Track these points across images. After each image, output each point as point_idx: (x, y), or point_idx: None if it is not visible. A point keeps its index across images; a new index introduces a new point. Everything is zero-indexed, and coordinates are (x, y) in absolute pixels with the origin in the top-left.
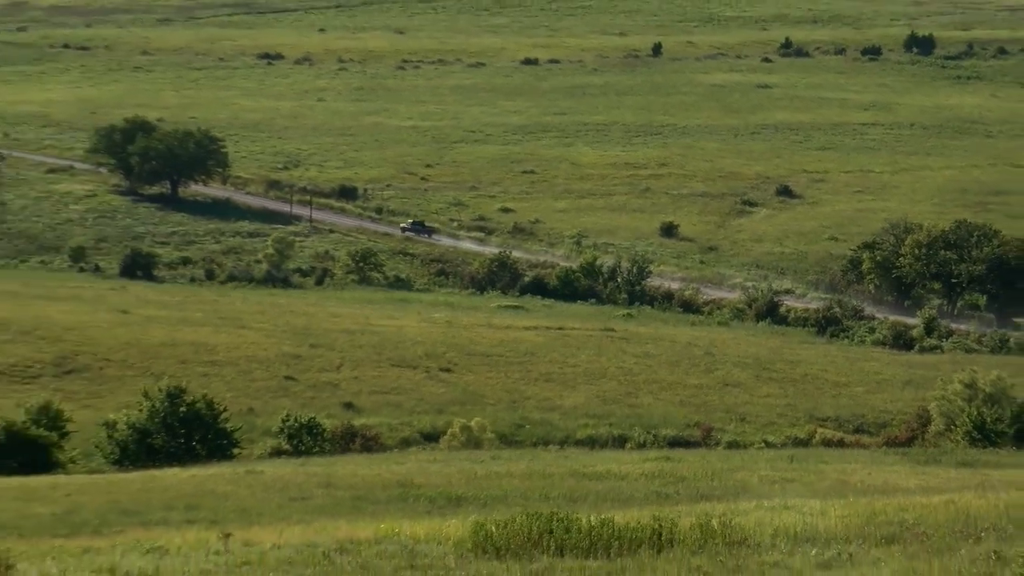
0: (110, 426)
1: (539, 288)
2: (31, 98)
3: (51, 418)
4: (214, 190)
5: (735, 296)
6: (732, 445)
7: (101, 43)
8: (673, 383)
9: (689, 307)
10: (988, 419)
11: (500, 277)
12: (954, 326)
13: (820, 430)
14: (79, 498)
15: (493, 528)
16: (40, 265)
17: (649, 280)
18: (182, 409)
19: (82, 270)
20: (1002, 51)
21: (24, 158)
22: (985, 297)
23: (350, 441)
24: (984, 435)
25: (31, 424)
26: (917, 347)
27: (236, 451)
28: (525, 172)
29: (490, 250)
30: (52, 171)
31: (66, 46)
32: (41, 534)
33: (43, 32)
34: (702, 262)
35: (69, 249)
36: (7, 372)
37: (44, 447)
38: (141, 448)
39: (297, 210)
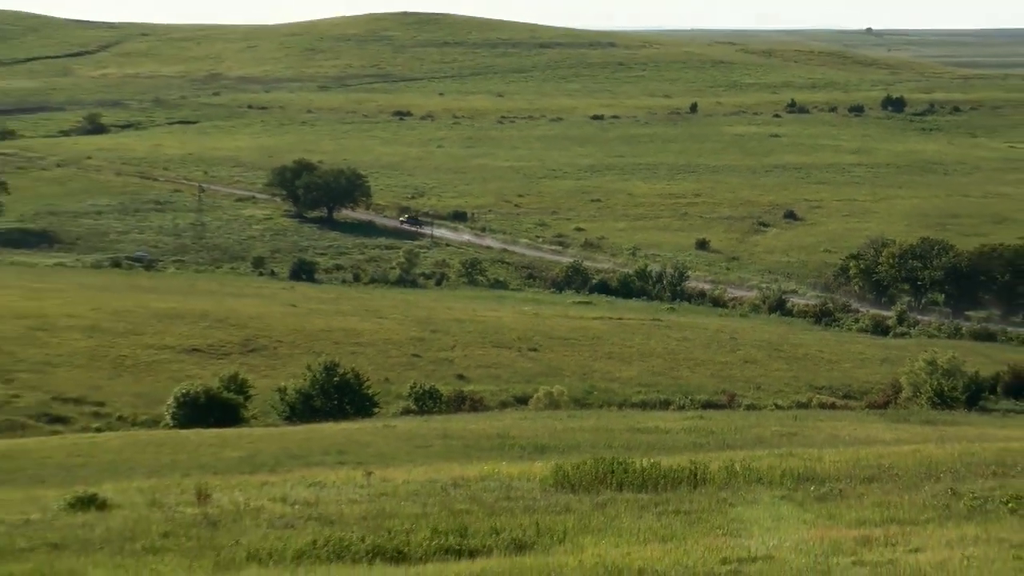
0: (282, 391)
1: (604, 288)
2: (224, 145)
3: (238, 385)
4: (360, 214)
5: (752, 294)
6: (750, 407)
7: (276, 104)
8: (705, 360)
9: (717, 303)
10: (945, 388)
11: (574, 280)
12: (919, 318)
13: (817, 396)
14: (259, 445)
15: (569, 469)
16: (230, 270)
17: (687, 282)
18: (336, 379)
19: (261, 274)
20: (956, 109)
21: (219, 190)
22: (943, 296)
23: (461, 403)
24: (942, 400)
25: (223, 390)
26: (891, 333)
27: (376, 410)
28: (593, 200)
29: (566, 259)
30: (239, 200)
31: (250, 107)
32: (231, 472)
33: (233, 96)
34: (727, 269)
35: (252, 258)
36: (206, 350)
37: (233, 407)
38: (305, 408)
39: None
